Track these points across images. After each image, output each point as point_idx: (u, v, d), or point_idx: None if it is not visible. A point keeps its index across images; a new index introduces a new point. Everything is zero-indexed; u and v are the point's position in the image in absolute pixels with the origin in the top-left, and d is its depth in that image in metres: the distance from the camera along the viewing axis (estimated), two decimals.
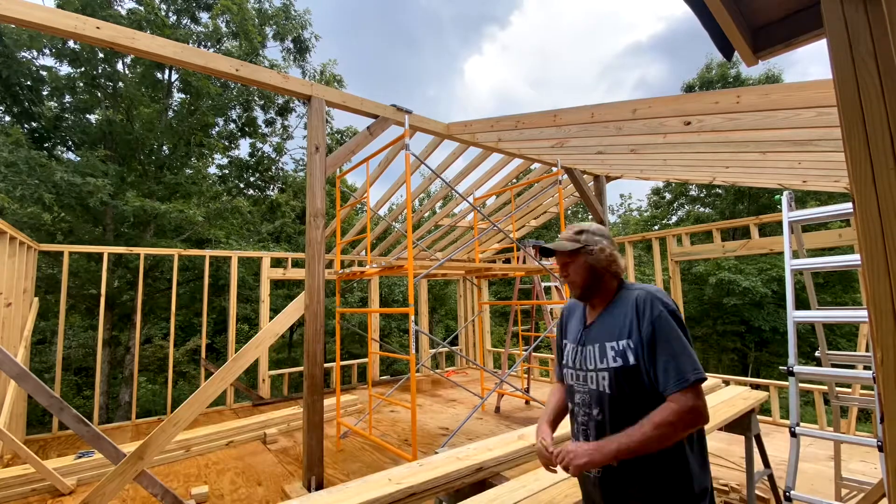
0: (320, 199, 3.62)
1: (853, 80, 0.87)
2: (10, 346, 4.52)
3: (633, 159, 4.84)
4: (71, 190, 8.13)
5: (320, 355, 3.57)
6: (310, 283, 3.56)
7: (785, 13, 1.28)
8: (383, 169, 5.87)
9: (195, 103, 10.50)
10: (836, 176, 4.23)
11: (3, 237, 4.33)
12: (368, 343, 9.01)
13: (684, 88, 18.53)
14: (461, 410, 6.12)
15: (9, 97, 8.69)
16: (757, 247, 5.32)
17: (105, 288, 5.87)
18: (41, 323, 9.88)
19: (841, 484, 2.88)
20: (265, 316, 6.95)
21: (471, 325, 9.59)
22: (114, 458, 2.83)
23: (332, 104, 3.80)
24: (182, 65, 3.13)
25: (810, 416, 11.34)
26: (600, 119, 3.39)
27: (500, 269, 5.34)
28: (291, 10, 11.74)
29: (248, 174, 12.20)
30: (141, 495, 3.61)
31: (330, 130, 13.38)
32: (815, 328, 2.88)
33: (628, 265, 6.61)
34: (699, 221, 18.24)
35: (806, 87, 2.26)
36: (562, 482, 1.82)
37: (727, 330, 15.71)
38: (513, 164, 6.15)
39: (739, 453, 3.89)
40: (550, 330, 5.61)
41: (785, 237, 2.75)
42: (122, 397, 9.46)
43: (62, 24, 2.69)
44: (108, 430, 5.66)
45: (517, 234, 8.62)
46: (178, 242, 9.94)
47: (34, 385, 2.62)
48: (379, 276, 6.47)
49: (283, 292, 14.21)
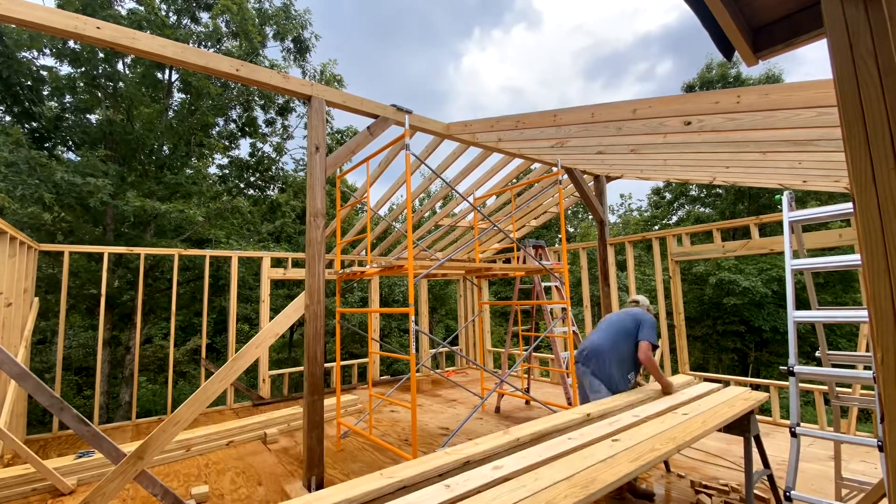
0: (320, 199, 3.63)
1: (853, 80, 0.87)
2: (11, 345, 4.52)
3: (634, 159, 4.84)
4: (71, 190, 8.13)
5: (320, 355, 3.57)
6: (310, 283, 3.56)
7: (785, 13, 1.28)
8: (383, 169, 5.87)
9: (195, 103, 10.50)
10: (836, 176, 4.23)
11: (4, 237, 4.33)
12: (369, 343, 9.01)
13: (684, 88, 18.54)
14: (461, 410, 6.12)
15: (9, 97, 8.69)
16: (757, 247, 5.32)
17: (105, 288, 5.87)
18: (41, 323, 9.88)
19: (841, 484, 2.88)
20: (265, 316, 6.95)
21: (471, 325, 9.59)
22: (114, 458, 2.83)
23: (332, 104, 3.80)
24: (183, 65, 3.13)
25: (810, 416, 11.34)
26: (600, 119, 3.39)
27: (500, 269, 5.33)
28: (291, 10, 11.74)
29: (249, 174, 12.20)
30: (141, 495, 3.61)
31: (330, 130, 13.38)
32: (816, 328, 2.88)
33: (628, 265, 6.61)
34: (699, 221, 18.24)
35: (806, 87, 2.26)
36: (562, 482, 1.82)
37: (727, 330, 15.71)
38: (513, 164, 6.15)
39: (739, 453, 3.90)
40: (550, 330, 5.61)
41: (785, 237, 2.75)
42: (123, 397, 9.46)
43: (62, 24, 2.69)
44: (108, 429, 5.66)
45: (517, 234, 8.62)
46: (179, 242, 9.94)
47: (34, 385, 2.63)
48: (379, 276, 6.47)
49: (284, 292, 14.22)
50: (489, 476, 1.89)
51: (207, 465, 4.30)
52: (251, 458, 4.44)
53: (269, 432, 4.97)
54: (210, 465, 4.27)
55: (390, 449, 3.99)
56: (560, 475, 1.88)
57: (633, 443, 2.27)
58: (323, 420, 3.56)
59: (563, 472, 1.91)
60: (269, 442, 4.90)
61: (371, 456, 4.44)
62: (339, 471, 4.04)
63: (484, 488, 1.81)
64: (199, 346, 11.41)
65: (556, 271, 5.54)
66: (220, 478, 3.96)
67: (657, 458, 2.09)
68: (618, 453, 2.12)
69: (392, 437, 5.02)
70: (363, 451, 4.57)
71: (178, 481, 3.89)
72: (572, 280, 15.10)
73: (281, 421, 5.29)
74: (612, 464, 1.99)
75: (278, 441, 4.96)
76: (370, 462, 4.28)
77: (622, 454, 2.11)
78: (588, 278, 8.00)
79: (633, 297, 3.97)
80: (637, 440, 2.31)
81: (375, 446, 4.67)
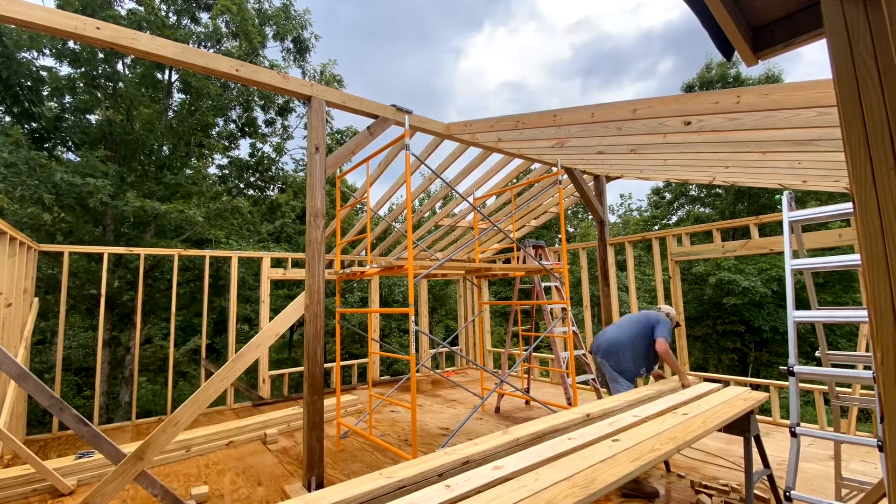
0: (320, 200, 3.62)
1: (853, 80, 0.87)
2: (11, 346, 4.52)
3: (633, 159, 4.84)
4: (71, 190, 8.13)
5: (320, 355, 3.57)
6: (310, 284, 3.56)
7: (785, 13, 1.28)
8: (383, 169, 5.87)
9: (195, 103, 10.51)
10: (836, 176, 4.23)
11: (3, 237, 4.33)
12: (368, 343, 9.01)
13: (684, 88, 18.55)
14: (461, 410, 6.12)
15: (9, 97, 8.69)
16: (757, 247, 5.32)
17: (105, 288, 5.86)
18: (41, 323, 9.89)
19: (841, 484, 2.88)
20: (265, 316, 6.95)
21: (471, 325, 9.59)
22: (114, 459, 2.83)
23: (332, 104, 3.80)
24: (182, 65, 3.13)
25: (810, 416, 11.34)
26: (600, 119, 3.39)
27: (500, 269, 5.33)
28: (291, 10, 11.74)
29: (248, 174, 12.21)
30: (141, 495, 3.61)
31: (330, 130, 13.39)
32: (816, 328, 2.88)
33: (628, 265, 6.60)
34: (699, 221, 18.25)
35: (806, 86, 2.26)
36: (562, 482, 1.82)
37: (727, 330, 15.72)
38: (513, 164, 6.15)
39: (739, 453, 3.90)
40: (550, 330, 5.61)
41: (785, 237, 2.75)
42: (122, 397, 9.46)
43: (62, 25, 2.69)
44: (108, 430, 5.66)
45: (517, 234, 8.62)
46: (178, 243, 9.94)
47: (34, 385, 2.63)
48: (379, 276, 6.47)
49: (283, 292, 14.22)
50: (489, 476, 1.89)
51: (207, 465, 4.30)
52: (251, 459, 4.43)
53: (269, 432, 4.97)
54: (210, 466, 4.27)
55: (390, 449, 3.98)
56: (560, 475, 1.88)
57: (633, 443, 2.27)
58: (323, 420, 3.56)
59: (563, 472, 1.91)
60: (269, 442, 4.89)
61: (371, 456, 4.44)
62: (339, 471, 4.04)
63: (484, 488, 1.81)
64: (199, 346, 11.42)
65: (556, 271, 5.54)
66: (220, 478, 3.96)
67: (657, 458, 2.09)
68: (618, 453, 2.12)
69: (392, 438, 5.02)
70: (363, 452, 4.57)
71: (178, 482, 3.89)
72: (572, 280, 15.11)
73: (281, 421, 5.28)
74: (612, 464, 1.99)
75: (278, 441, 4.96)
76: (370, 462, 4.27)
77: (622, 454, 2.11)
78: (588, 278, 8.00)
79: (660, 306, 4.38)
80: (637, 440, 2.31)
81: (375, 446, 4.67)
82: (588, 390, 6.46)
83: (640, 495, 3.31)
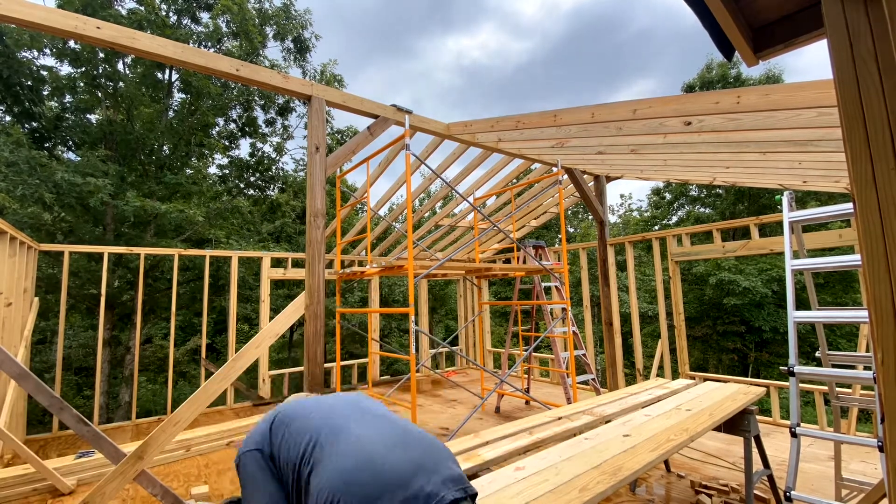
0: (320, 199, 3.62)
1: (854, 80, 0.87)
2: (11, 345, 4.52)
3: (634, 159, 4.84)
4: (71, 190, 8.14)
5: (320, 355, 3.57)
6: (310, 283, 3.56)
7: (785, 13, 1.28)
8: (383, 169, 5.87)
9: (195, 103, 10.51)
10: (836, 176, 4.23)
11: (4, 237, 4.33)
12: (369, 343, 9.00)
13: (684, 89, 18.53)
14: (461, 410, 6.12)
15: (9, 97, 8.69)
16: (757, 247, 5.32)
17: (105, 288, 5.86)
18: (41, 323, 9.89)
19: (841, 484, 2.88)
20: (265, 316, 6.95)
21: (471, 325, 9.59)
22: (114, 458, 2.83)
23: (332, 104, 3.80)
24: (183, 65, 3.13)
25: (810, 417, 11.34)
26: (600, 119, 3.39)
27: (500, 269, 5.34)
28: (292, 10, 11.75)
29: (249, 174, 12.21)
30: (141, 495, 3.61)
31: (330, 130, 13.39)
32: (816, 328, 2.88)
33: (628, 265, 6.60)
34: (699, 222, 18.25)
35: (806, 87, 2.26)
36: (591, 470, 1.89)
37: (727, 330, 15.71)
38: (513, 165, 6.15)
39: (739, 453, 3.90)
40: (550, 330, 5.61)
41: (785, 237, 2.75)
42: (123, 397, 9.47)
43: (62, 24, 2.69)
44: (108, 429, 5.66)
45: (517, 235, 8.62)
46: (179, 242, 9.94)
47: (34, 385, 2.63)
48: (379, 276, 6.47)
49: (284, 292, 14.21)
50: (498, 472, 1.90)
51: (207, 465, 4.30)
52: None
53: None
54: (210, 465, 4.27)
55: None
56: (562, 478, 1.90)
57: (650, 434, 2.42)
58: None
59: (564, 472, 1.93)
60: None
61: None
62: None
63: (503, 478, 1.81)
64: (199, 346, 11.42)
65: (556, 271, 5.54)
66: (220, 478, 3.96)
67: (675, 447, 2.26)
68: (638, 444, 2.26)
69: None
70: None
71: (178, 481, 3.89)
72: (572, 280, 15.11)
73: None
74: (633, 454, 2.14)
75: None
76: None
77: (643, 444, 2.26)
78: (588, 278, 8.00)
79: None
80: (653, 431, 2.47)
81: None
82: (588, 390, 6.46)
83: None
